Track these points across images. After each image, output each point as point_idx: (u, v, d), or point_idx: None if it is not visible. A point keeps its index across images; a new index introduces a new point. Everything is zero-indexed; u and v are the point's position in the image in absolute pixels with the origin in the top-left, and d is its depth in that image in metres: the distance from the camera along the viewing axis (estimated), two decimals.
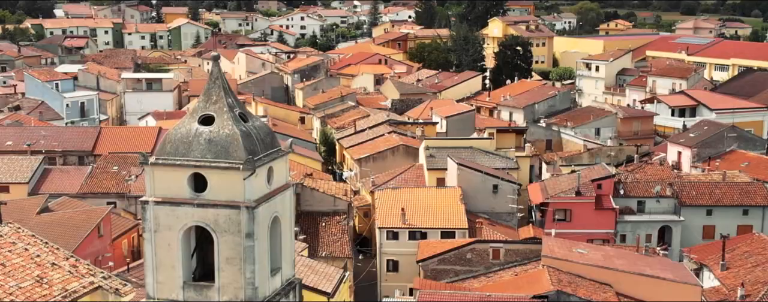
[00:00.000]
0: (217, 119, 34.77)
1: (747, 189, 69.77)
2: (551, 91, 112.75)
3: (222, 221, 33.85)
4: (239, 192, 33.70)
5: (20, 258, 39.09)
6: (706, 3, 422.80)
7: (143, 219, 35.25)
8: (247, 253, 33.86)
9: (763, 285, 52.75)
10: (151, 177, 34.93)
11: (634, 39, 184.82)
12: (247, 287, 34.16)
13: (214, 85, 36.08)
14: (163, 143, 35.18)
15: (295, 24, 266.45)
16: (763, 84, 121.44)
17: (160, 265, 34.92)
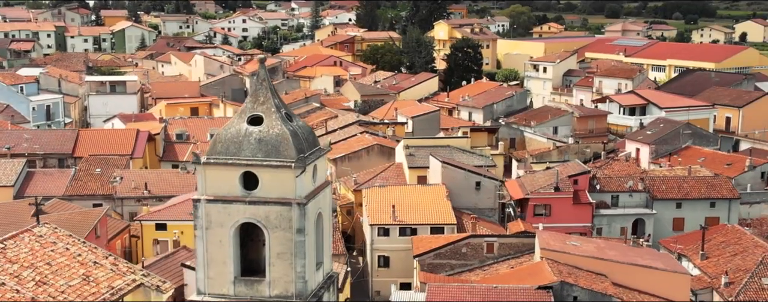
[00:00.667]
0: (266, 119, 35.57)
1: (713, 182, 72.72)
2: (508, 91, 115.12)
3: (273, 217, 34.62)
4: (290, 189, 34.53)
5: (63, 257, 39.16)
6: (629, 6, 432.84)
7: (195, 217, 35.82)
8: (298, 248, 34.71)
9: (745, 272, 55.34)
10: (202, 176, 35.53)
11: (572, 41, 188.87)
12: (297, 281, 34.98)
13: (262, 87, 36.93)
14: (213, 143, 35.82)
15: (237, 26, 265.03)
16: (703, 83, 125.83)
17: (210, 261, 35.55)
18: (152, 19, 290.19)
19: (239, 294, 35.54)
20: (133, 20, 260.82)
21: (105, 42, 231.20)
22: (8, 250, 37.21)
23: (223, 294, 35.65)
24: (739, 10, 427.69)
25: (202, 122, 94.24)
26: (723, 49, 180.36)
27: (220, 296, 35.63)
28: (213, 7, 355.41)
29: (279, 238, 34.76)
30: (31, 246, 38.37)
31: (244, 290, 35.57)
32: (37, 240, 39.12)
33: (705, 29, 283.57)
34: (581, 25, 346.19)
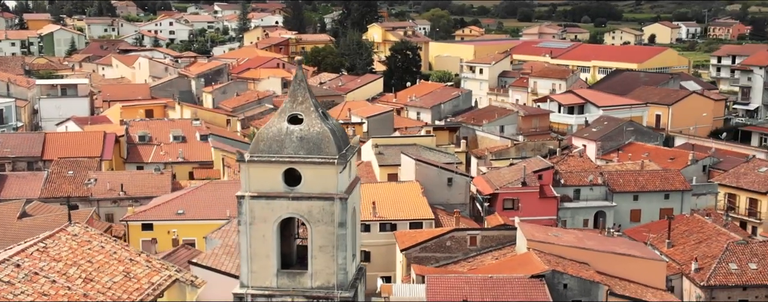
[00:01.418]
0: (306, 118, 36.41)
1: (666, 175, 76.17)
2: (454, 92, 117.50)
3: (316, 212, 35.47)
4: (333, 184, 35.44)
5: (101, 255, 39.09)
6: (539, 10, 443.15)
7: (238, 213, 36.46)
8: (340, 241, 35.66)
9: (712, 258, 58.48)
10: (246, 173, 36.18)
11: (500, 44, 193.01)
12: (339, 272, 35.92)
13: (300, 87, 37.72)
14: (255, 142, 36.48)
15: (164, 29, 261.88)
16: (632, 82, 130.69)
17: (254, 255, 36.18)
18: (76, 23, 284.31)
19: (282, 286, 36.22)
20: (59, 24, 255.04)
21: (33, 45, 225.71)
22: (50, 249, 37.12)
23: (267, 287, 36.28)
24: (643, 13, 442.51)
25: (162, 124, 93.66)
26: (644, 50, 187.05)
27: (264, 288, 36.28)
28: (135, 9, 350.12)
29: (321, 232, 35.60)
30: (69, 245, 38.26)
31: (286, 282, 36.28)
32: (73, 238, 39.02)
33: (616, 32, 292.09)
34: (497, 28, 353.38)
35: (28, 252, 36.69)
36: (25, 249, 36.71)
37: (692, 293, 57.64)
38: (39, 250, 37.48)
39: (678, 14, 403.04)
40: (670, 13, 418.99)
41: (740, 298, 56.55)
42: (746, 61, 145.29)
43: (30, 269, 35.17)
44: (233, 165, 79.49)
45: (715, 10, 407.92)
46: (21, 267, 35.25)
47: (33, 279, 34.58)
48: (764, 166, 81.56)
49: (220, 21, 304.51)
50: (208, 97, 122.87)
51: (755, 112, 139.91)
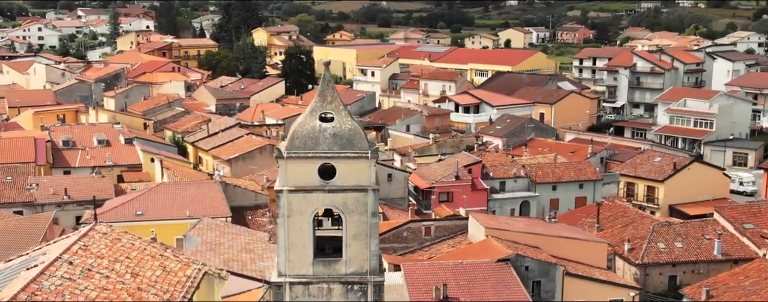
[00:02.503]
0: (337, 116, 38.17)
1: (579, 167, 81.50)
2: (358, 93, 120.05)
3: (350, 203, 37.28)
4: (366, 177, 37.34)
5: (135, 251, 39.14)
6: (397, 16, 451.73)
7: (278, 207, 37.78)
8: (373, 229, 37.64)
9: (641, 239, 63.64)
10: (284, 169, 37.58)
11: (380, 48, 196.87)
12: (371, 258, 37.91)
13: (328, 87, 39.35)
14: (291, 139, 37.83)
15: (33, 34, 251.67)
16: (514, 83, 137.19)
17: (291, 246, 37.59)
18: None
19: (318, 274, 37.70)
20: None
21: None
22: (90, 247, 37.09)
23: (303, 275, 37.68)
24: (492, 19, 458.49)
25: (84, 128, 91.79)
26: (517, 53, 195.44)
27: (301, 276, 37.78)
28: None
29: (355, 221, 37.38)
30: (104, 243, 38.16)
31: (322, 269, 37.81)
32: (104, 236, 39.02)
33: (475, 37, 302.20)
34: (360, 33, 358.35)
35: (74, 251, 36.85)
36: (70, 247, 36.82)
37: (626, 271, 62.63)
38: (82, 248, 37.57)
39: (524, 20, 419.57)
40: (517, 19, 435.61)
41: (670, 274, 62.00)
42: (612, 63, 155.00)
43: (82, 266, 35.35)
44: (172, 166, 79.26)
45: (558, 15, 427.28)
46: (73, 264, 35.42)
47: (89, 276, 34.80)
48: (658, 157, 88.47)
49: (87, 26, 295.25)
50: (111, 102, 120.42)
51: (622, 109, 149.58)
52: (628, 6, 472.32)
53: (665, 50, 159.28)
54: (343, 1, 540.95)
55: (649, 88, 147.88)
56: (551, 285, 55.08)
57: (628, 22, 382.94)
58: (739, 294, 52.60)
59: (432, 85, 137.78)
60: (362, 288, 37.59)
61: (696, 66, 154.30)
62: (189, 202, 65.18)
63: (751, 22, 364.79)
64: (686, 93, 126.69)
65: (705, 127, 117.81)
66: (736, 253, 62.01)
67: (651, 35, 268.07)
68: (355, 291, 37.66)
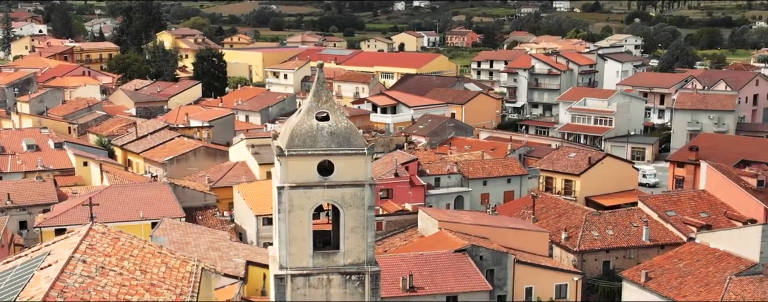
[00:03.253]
0: (332, 115, 39.56)
1: (506, 163, 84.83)
2: (279, 95, 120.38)
3: (348, 198, 38.70)
4: (362, 173, 38.88)
5: (135, 249, 39.15)
6: (289, 19, 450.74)
7: (278, 202, 38.82)
8: (369, 222, 39.10)
9: (576, 228, 67.20)
10: (285, 166, 38.72)
11: (285, 51, 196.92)
12: (368, 250, 39.40)
13: (322, 88, 40.67)
14: (290, 137, 38.95)
15: None
16: (425, 85, 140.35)
17: (292, 240, 38.73)
18: None
19: (317, 266, 38.96)
20: None
21: None
22: (96, 246, 36.98)
23: (304, 267, 38.79)
24: (381, 23, 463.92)
25: (11, 134, 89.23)
26: (420, 56, 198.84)
27: (302, 269, 38.92)
28: None
29: (353, 215, 38.76)
30: (106, 241, 38.15)
31: (321, 261, 38.99)
32: (104, 236, 38.88)
33: (370, 41, 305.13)
34: (254, 36, 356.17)
35: (82, 250, 36.80)
36: (78, 246, 36.76)
37: (565, 258, 66.03)
38: (89, 247, 37.45)
39: (413, 24, 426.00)
40: (405, 23, 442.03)
41: (604, 259, 65.78)
42: (511, 65, 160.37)
43: (95, 264, 35.47)
44: (112, 170, 78.15)
45: (445, 20, 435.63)
46: (87, 262, 35.49)
47: (104, 273, 34.95)
48: (573, 152, 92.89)
49: None
50: (25, 106, 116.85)
51: (522, 109, 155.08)
52: (509, 11, 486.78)
53: (560, 53, 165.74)
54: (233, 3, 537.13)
55: (546, 88, 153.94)
56: (504, 272, 57.76)
57: (511, 27, 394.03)
58: (675, 276, 56.58)
59: (345, 87, 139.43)
60: (360, 278, 38.99)
61: (589, 67, 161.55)
62: (141, 204, 64.81)
63: (624, 26, 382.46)
64: (586, 93, 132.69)
65: (605, 124, 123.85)
66: (662, 239, 66.39)
67: (537, 39, 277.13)
68: (353, 281, 39.01)
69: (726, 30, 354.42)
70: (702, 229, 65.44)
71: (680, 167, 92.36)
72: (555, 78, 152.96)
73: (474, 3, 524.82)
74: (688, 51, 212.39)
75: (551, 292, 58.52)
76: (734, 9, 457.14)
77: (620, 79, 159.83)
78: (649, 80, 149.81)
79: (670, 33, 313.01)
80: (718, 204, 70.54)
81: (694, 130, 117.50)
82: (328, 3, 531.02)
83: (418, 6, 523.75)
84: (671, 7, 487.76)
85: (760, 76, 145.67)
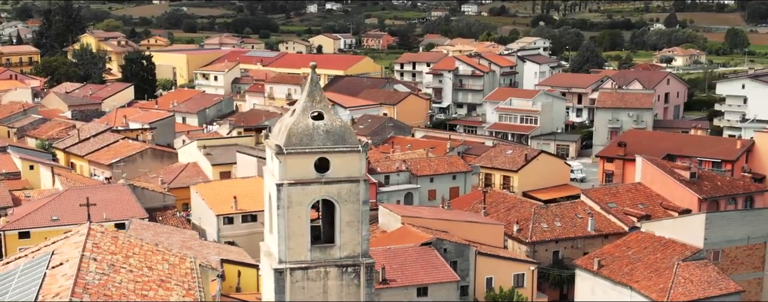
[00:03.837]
0: (326, 115, 40.74)
1: (451, 160, 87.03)
2: (216, 97, 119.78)
3: (344, 193, 39.93)
4: (357, 169, 40.24)
5: (136, 247, 39.23)
6: (201, 21, 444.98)
7: (278, 199, 39.63)
8: (364, 216, 40.55)
9: (527, 220, 69.78)
10: (284, 164, 39.65)
11: (209, 53, 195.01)
12: (363, 243, 40.74)
13: (316, 88, 41.85)
14: (288, 136, 39.92)
15: None
16: (356, 86, 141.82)
17: (291, 235, 39.76)
18: None
19: (315, 259, 40.03)
20: None
21: None
22: (101, 245, 36.96)
23: (302, 261, 39.80)
24: (294, 25, 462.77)
25: None
26: (345, 58, 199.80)
27: (300, 262, 39.89)
28: None
29: (348, 209, 39.91)
30: (107, 241, 38.13)
31: (318, 255, 40.04)
32: (104, 235, 38.81)
33: (288, 43, 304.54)
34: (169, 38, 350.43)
35: (89, 249, 36.85)
36: (85, 245, 36.78)
37: (516, 249, 68.51)
38: (95, 246, 37.43)
39: (326, 26, 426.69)
40: (319, 25, 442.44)
41: (554, 249, 68.54)
42: (436, 66, 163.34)
43: (106, 262, 35.72)
44: (63, 173, 76.85)
45: (358, 23, 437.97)
46: (98, 261, 35.68)
47: (116, 271, 35.31)
48: (510, 150, 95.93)
49: None
50: None
51: (447, 109, 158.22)
52: (420, 14, 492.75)
53: (482, 55, 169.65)
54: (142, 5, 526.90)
55: (471, 89, 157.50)
56: (466, 264, 59.76)
57: (423, 30, 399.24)
58: (625, 263, 59.67)
59: (277, 89, 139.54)
60: (355, 270, 40.23)
61: (510, 69, 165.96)
62: (103, 206, 64.14)
63: (530, 29, 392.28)
64: (511, 93, 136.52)
65: (530, 122, 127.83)
66: (605, 229, 69.61)
67: (452, 41, 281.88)
68: (349, 273, 40.23)
69: (626, 32, 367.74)
70: (641, 219, 68.96)
71: (609, 162, 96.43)
72: (478, 79, 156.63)
73: (385, 6, 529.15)
74: (597, 52, 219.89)
75: (510, 281, 60.79)
76: (632, 12, 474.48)
77: (538, 79, 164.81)
78: (566, 80, 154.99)
79: (575, 35, 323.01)
80: (654, 196, 74.35)
81: (614, 127, 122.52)
82: (240, 5, 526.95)
83: (330, 9, 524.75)
84: (573, 10, 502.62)
85: (671, 76, 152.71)
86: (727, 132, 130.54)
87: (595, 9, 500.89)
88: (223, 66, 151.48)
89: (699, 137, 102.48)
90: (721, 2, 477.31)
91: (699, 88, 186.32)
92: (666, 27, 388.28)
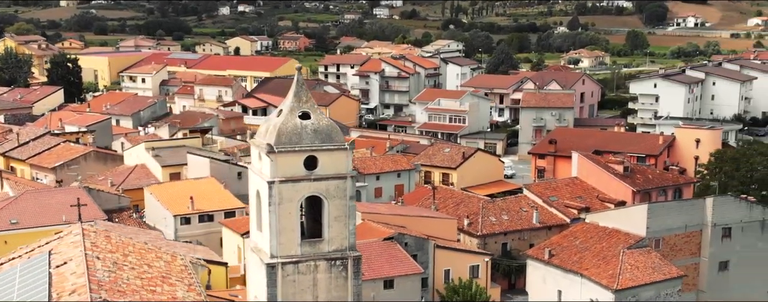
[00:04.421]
0: (313, 114, 41.85)
1: (395, 159, 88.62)
2: (150, 99, 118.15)
3: (332, 189, 41.10)
4: (344, 166, 41.46)
5: (129, 245, 39.13)
6: (112, 24, 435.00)
7: (269, 196, 40.40)
8: (351, 211, 41.76)
9: (475, 215, 71.96)
10: (275, 163, 40.48)
11: (131, 55, 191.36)
12: (350, 237, 42.00)
13: (302, 89, 42.88)
14: (278, 135, 40.80)
15: None
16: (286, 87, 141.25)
17: (282, 230, 40.68)
18: None
19: (305, 254, 40.99)
20: None
21: None
22: (98, 243, 36.82)
23: (293, 255, 40.69)
24: (207, 27, 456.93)
25: None
26: (270, 60, 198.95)
27: (291, 257, 40.76)
28: None
29: (336, 205, 41.02)
30: (102, 238, 37.97)
31: (308, 249, 40.97)
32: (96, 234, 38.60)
33: (205, 45, 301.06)
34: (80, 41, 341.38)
35: (89, 247, 36.80)
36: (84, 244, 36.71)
37: (468, 242, 70.64)
38: (93, 245, 37.31)
39: (240, 28, 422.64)
40: (233, 27, 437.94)
41: (502, 241, 70.94)
42: (363, 68, 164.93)
43: (109, 260, 35.87)
44: (12, 177, 75.02)
45: (271, 25, 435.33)
46: (101, 259, 35.76)
47: (120, 268, 35.53)
48: (447, 148, 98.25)
49: None
50: None
51: (374, 110, 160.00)
52: (333, 17, 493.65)
53: (407, 57, 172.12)
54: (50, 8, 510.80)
55: (397, 90, 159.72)
56: (425, 257, 61.48)
57: (337, 32, 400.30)
58: (574, 252, 62.43)
59: (207, 91, 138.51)
60: (343, 263, 41.38)
61: (434, 70, 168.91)
62: (61, 208, 63.25)
63: (441, 32, 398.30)
64: (439, 93, 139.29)
65: (459, 122, 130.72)
66: (549, 221, 72.52)
67: (370, 44, 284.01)
68: (337, 266, 41.37)
69: (533, 35, 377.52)
70: (582, 211, 72.11)
71: (541, 158, 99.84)
72: (404, 80, 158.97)
73: (298, 8, 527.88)
74: (511, 55, 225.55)
75: (466, 273, 62.79)
76: (537, 15, 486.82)
77: (460, 81, 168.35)
78: (488, 82, 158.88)
79: (485, 38, 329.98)
80: (591, 189, 77.76)
81: (538, 125, 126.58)
82: (150, 7, 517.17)
83: (242, 11, 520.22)
84: (480, 14, 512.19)
85: (585, 76, 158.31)
86: (641, 129, 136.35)
87: (502, 13, 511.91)
88: (150, 68, 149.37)
89: (622, 134, 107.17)
90: (620, 5, 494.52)
91: (608, 87, 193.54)
92: (569, 30, 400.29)
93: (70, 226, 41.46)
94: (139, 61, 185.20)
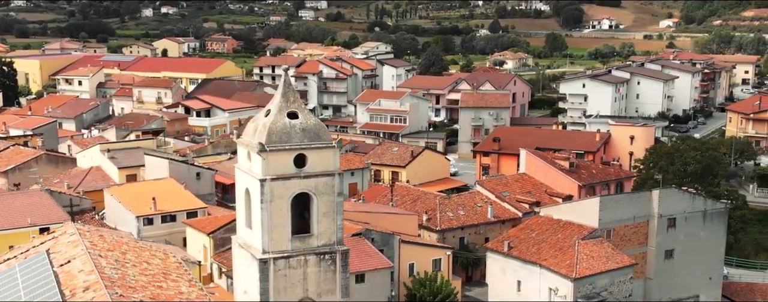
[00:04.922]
0: (300, 114, 42.88)
1: (348, 158, 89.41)
2: (92, 102, 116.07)
3: (321, 186, 42.25)
4: (331, 163, 42.68)
5: (124, 245, 39.04)
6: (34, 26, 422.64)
7: (261, 194, 41.11)
8: (339, 207, 43.02)
9: (433, 211, 73.50)
10: (266, 161, 41.24)
11: (62, 58, 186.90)
12: (337, 232, 43.17)
13: (289, 89, 43.80)
14: (268, 135, 41.61)
15: None
16: (226, 89, 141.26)
17: (273, 226, 41.55)
18: None
19: (295, 249, 41.87)
20: None
21: None
22: (96, 243, 36.70)
23: (284, 250, 41.55)
24: (130, 29, 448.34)
25: None
26: (207, 62, 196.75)
27: (282, 252, 41.59)
28: None
29: (325, 201, 42.10)
30: (96, 238, 37.82)
31: (298, 245, 41.90)
32: (90, 233, 38.46)
33: (133, 46, 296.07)
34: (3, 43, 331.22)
35: (88, 246, 36.80)
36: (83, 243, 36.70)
37: (427, 236, 72.14)
38: (91, 243, 37.24)
39: (164, 30, 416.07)
40: (157, 29, 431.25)
41: (460, 235, 72.76)
42: (301, 70, 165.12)
43: (111, 258, 36.07)
44: None
45: (196, 27, 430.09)
46: (104, 256, 35.90)
47: (123, 266, 35.77)
48: (395, 147, 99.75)
49: None
50: None
51: (313, 111, 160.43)
52: (259, 19, 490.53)
53: (344, 58, 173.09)
54: None
55: (335, 91, 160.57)
56: (391, 251, 62.75)
57: (264, 34, 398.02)
58: (532, 244, 64.59)
59: (146, 92, 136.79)
60: (332, 257, 42.47)
61: (371, 72, 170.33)
62: (26, 211, 62.32)
63: (367, 34, 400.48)
64: (379, 94, 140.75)
65: (400, 122, 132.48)
66: (503, 215, 74.68)
67: (300, 46, 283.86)
68: (326, 260, 42.42)
69: (457, 37, 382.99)
70: (532, 206, 74.55)
71: (486, 156, 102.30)
72: (342, 82, 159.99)
73: (222, 10, 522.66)
74: (440, 56, 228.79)
75: (429, 266, 64.32)
76: (459, 18, 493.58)
77: (396, 82, 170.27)
78: (424, 83, 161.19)
79: (411, 40, 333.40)
80: (539, 184, 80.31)
81: (477, 124, 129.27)
82: (71, 10, 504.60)
83: (166, 13, 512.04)
84: (405, 17, 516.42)
85: (516, 77, 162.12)
86: (571, 127, 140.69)
87: (425, 16, 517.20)
88: (87, 70, 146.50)
89: (560, 131, 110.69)
90: (538, 9, 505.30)
91: (535, 88, 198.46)
92: (491, 32, 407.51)
93: (63, 226, 41.29)
94: (71, 63, 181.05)
